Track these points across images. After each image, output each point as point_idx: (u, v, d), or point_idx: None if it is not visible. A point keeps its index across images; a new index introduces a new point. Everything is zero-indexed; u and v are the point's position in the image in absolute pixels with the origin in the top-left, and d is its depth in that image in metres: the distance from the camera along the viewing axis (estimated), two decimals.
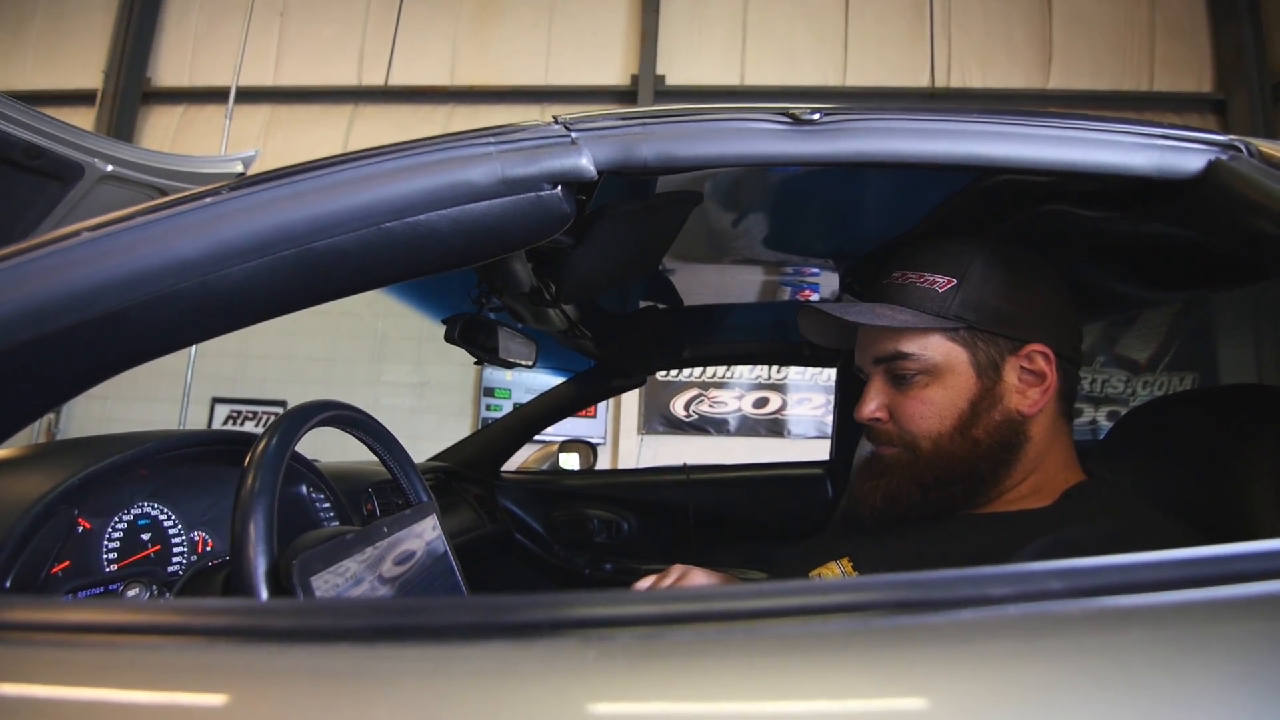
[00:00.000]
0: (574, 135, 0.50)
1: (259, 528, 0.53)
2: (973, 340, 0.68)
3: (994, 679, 0.24)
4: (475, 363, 1.23)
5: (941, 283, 0.69)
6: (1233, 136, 0.54)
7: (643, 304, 1.45)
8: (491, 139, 0.49)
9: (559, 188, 0.50)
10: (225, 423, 4.91)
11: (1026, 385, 0.68)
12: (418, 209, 0.47)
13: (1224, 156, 0.52)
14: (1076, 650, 0.24)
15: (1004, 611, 0.24)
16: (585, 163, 0.50)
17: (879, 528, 0.71)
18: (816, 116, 0.52)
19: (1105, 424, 4.24)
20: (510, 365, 1.27)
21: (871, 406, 0.71)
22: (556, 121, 0.52)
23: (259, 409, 4.96)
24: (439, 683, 0.23)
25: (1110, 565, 0.26)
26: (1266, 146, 0.54)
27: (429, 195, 0.47)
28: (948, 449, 0.68)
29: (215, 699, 0.25)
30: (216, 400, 4.97)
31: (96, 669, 0.25)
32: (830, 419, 1.85)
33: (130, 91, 5.17)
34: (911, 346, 0.69)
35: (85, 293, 0.41)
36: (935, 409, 0.68)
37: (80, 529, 0.68)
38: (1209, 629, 0.25)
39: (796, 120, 0.52)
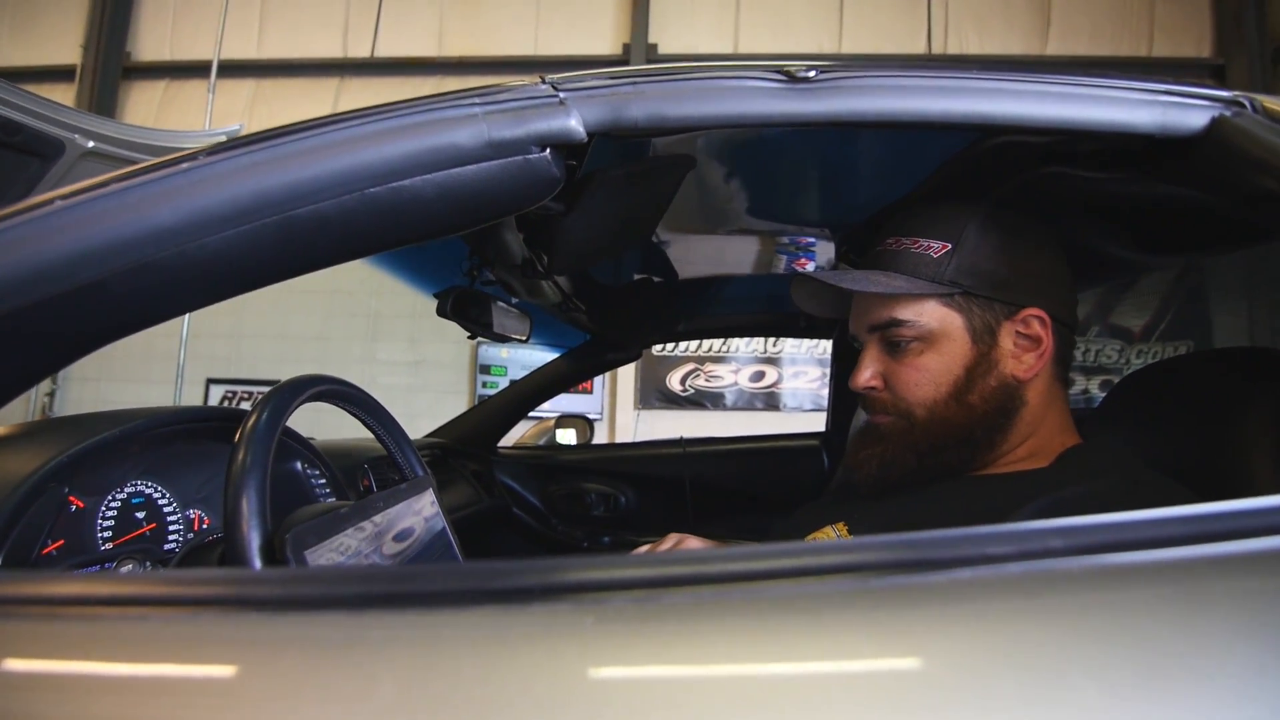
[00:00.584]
0: (562, 95, 0.49)
1: (251, 502, 0.53)
2: (968, 305, 0.68)
3: (993, 637, 0.23)
4: (469, 338, 1.22)
5: (936, 248, 0.68)
6: (1237, 93, 0.53)
7: (637, 277, 1.44)
8: (477, 100, 0.47)
9: (547, 150, 0.48)
10: (220, 403, 4.90)
11: (1022, 350, 0.68)
12: (402, 173, 0.45)
13: (1228, 113, 0.51)
14: (1077, 607, 0.24)
15: (1003, 570, 0.24)
16: (574, 124, 0.48)
17: (874, 493, 0.71)
18: (812, 74, 0.50)
19: (1099, 394, 4.27)
20: (504, 340, 1.26)
21: (866, 375, 0.71)
22: (544, 81, 0.50)
23: (254, 389, 4.95)
24: (432, 648, 0.23)
25: (1110, 523, 0.26)
26: (1271, 102, 0.52)
27: (413, 159, 0.45)
28: (943, 415, 0.67)
29: (208, 669, 0.24)
30: (211, 381, 4.95)
31: (89, 641, 0.25)
32: (826, 391, 1.85)
33: (110, 66, 5.05)
34: (906, 313, 0.68)
35: (60, 263, 0.40)
36: (930, 376, 0.68)
37: (73, 508, 0.67)
38: (1209, 585, 0.24)
39: (792, 78, 0.50)
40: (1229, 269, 4.16)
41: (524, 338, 1.32)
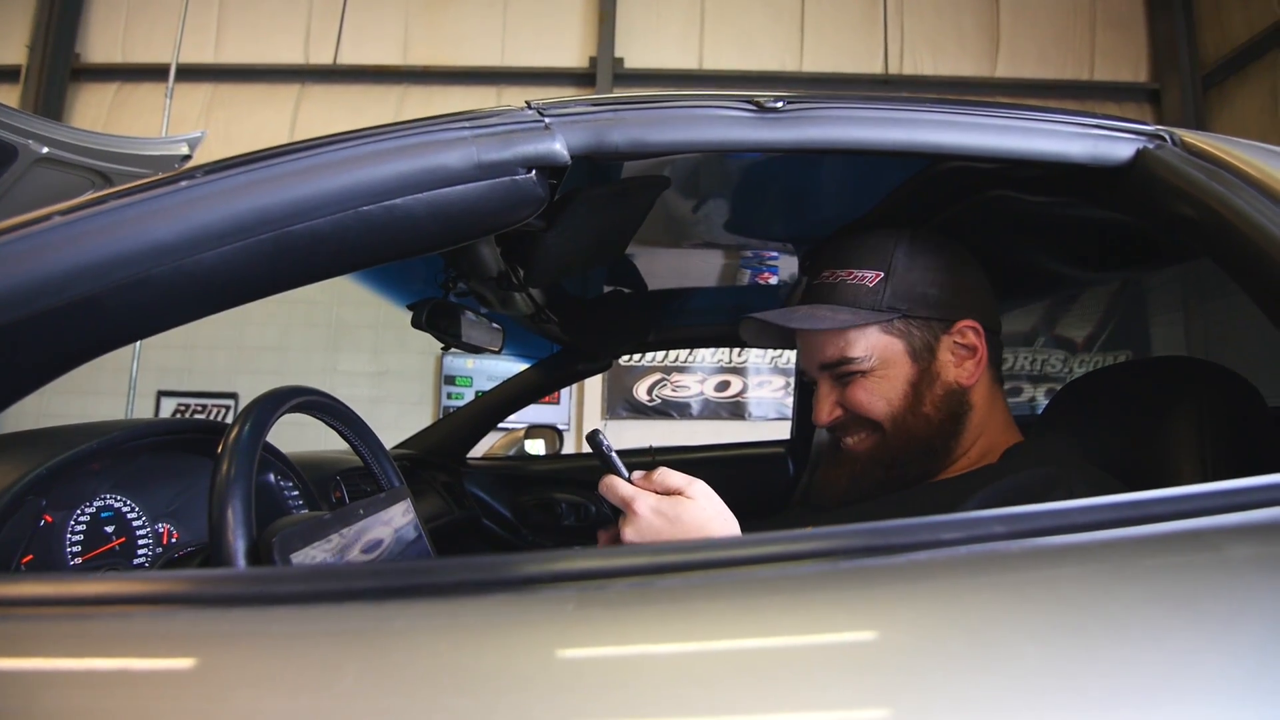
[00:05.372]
0: (547, 120, 0.51)
1: (237, 512, 0.54)
2: (907, 328, 0.72)
3: (946, 610, 0.27)
4: (442, 349, 1.23)
5: (870, 277, 0.73)
6: (1159, 127, 0.59)
7: (608, 289, 1.46)
8: (466, 123, 0.50)
9: (533, 172, 0.51)
10: (173, 416, 4.74)
11: (961, 359, 0.73)
12: (394, 193, 0.47)
13: (1151, 145, 0.57)
14: (1017, 583, 0.27)
15: (955, 553, 0.28)
16: (559, 147, 0.51)
17: (840, 506, 0.76)
18: (780, 105, 0.54)
19: (1044, 401, 4.44)
20: (477, 351, 1.27)
21: (826, 411, 0.75)
22: (530, 106, 0.53)
23: (208, 402, 4.79)
24: (453, 633, 0.25)
25: (1046, 510, 0.29)
26: (1190, 137, 0.58)
27: (405, 179, 0.47)
28: (906, 428, 0.72)
29: (238, 661, 0.26)
30: (162, 393, 4.78)
31: (112, 639, 0.26)
32: (790, 400, 1.90)
33: (58, 67, 4.88)
34: (855, 350, 0.72)
35: (58, 278, 0.41)
36: (883, 396, 0.72)
37: (43, 522, 0.66)
38: (1130, 562, 0.28)
39: (761, 108, 0.54)
40: (1166, 283, 4.41)
41: (496, 349, 1.34)
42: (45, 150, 1.70)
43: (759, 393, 4.84)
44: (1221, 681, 0.24)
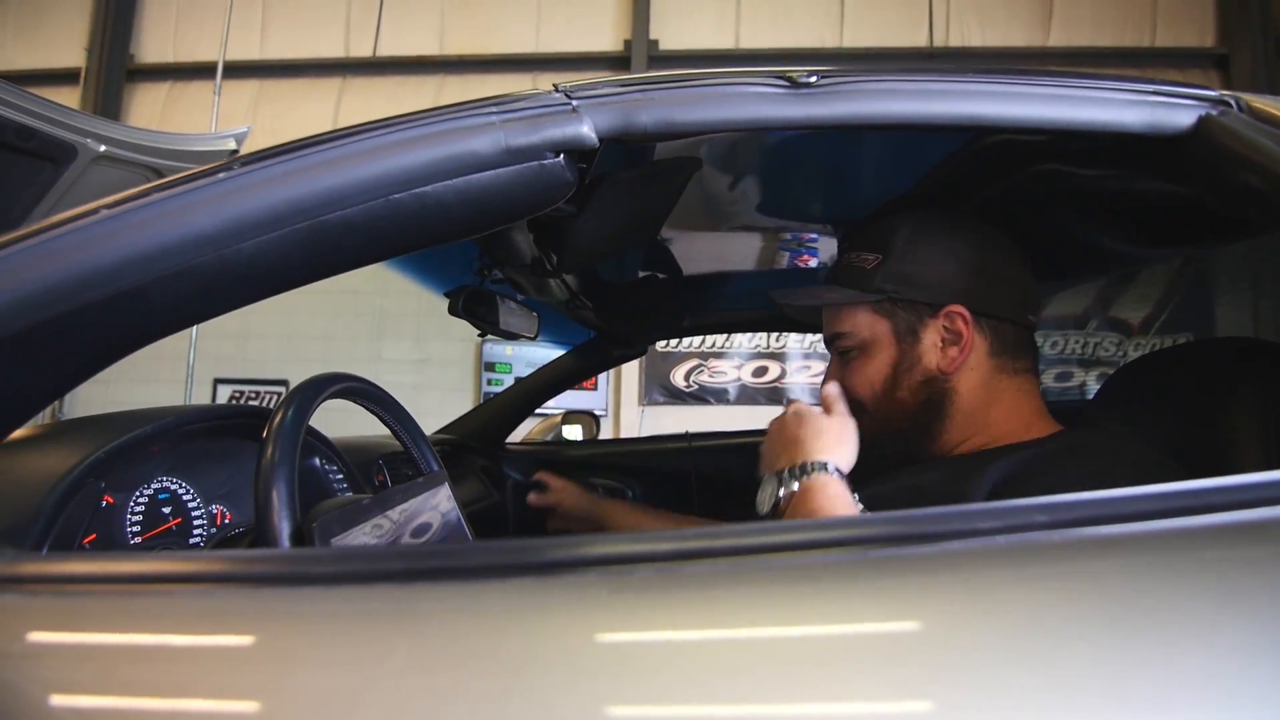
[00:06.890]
0: (575, 103, 0.51)
1: (281, 494, 0.56)
2: (893, 310, 0.74)
3: (982, 605, 0.26)
4: (479, 336, 1.24)
5: (870, 259, 0.75)
6: (1223, 92, 0.55)
7: (642, 274, 1.46)
8: (494, 108, 0.50)
9: (561, 156, 0.51)
10: (229, 403, 4.94)
11: (946, 345, 0.72)
12: (424, 180, 0.48)
13: (1214, 112, 0.53)
14: (1058, 576, 0.26)
15: (992, 542, 0.27)
16: (586, 130, 0.50)
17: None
18: (813, 79, 0.52)
19: (1095, 387, 4.24)
20: (512, 337, 1.28)
21: (827, 384, 0.79)
22: (557, 90, 0.52)
23: (261, 389, 4.98)
24: (475, 617, 0.25)
25: (1090, 499, 0.28)
26: (1257, 102, 0.54)
27: (434, 166, 0.48)
28: (883, 413, 0.74)
29: (272, 637, 0.27)
30: (219, 381, 4.98)
31: (155, 615, 0.28)
32: None
33: (114, 69, 5.07)
34: (844, 326, 0.76)
35: (106, 269, 0.42)
36: (866, 377, 0.75)
37: (104, 503, 0.70)
38: (1180, 555, 0.27)
39: (793, 84, 0.52)
40: (1233, 261, 4.15)
41: (532, 335, 1.35)
42: (102, 149, 1.77)
43: (797, 378, 4.77)
44: (1275, 684, 0.22)
